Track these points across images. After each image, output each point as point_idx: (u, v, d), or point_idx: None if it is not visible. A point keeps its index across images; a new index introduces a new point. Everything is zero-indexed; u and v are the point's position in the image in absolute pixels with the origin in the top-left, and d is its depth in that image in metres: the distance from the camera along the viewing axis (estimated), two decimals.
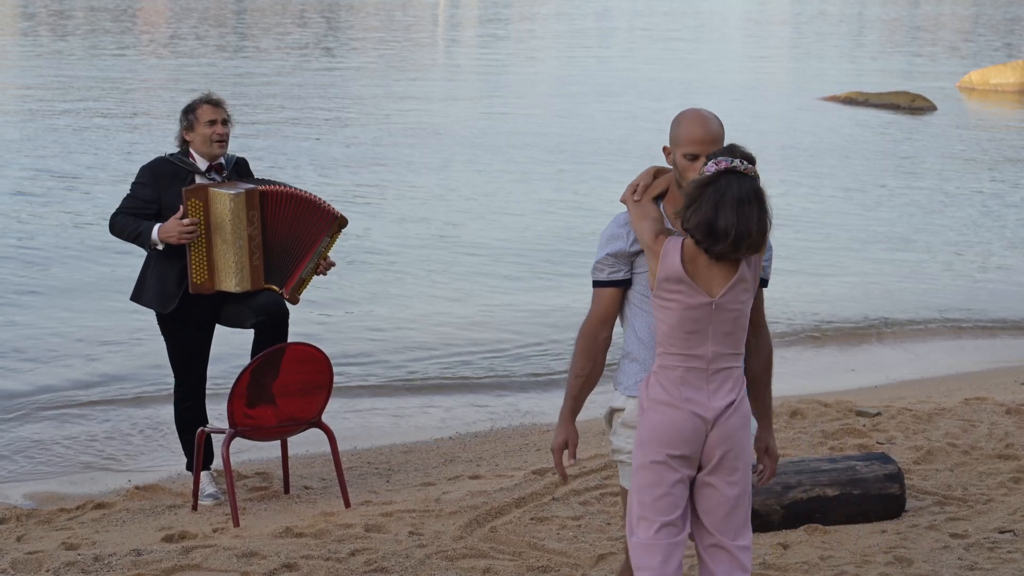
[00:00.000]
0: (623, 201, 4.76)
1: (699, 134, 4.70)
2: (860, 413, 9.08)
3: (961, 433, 8.57)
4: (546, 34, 46.97)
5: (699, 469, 4.64)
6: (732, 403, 4.61)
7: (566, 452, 4.82)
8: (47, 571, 6.33)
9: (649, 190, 4.75)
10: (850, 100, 28.74)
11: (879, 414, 9.04)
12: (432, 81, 31.44)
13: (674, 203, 4.70)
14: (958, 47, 44.61)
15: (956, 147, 22.81)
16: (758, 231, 4.53)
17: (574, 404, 4.82)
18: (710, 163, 4.55)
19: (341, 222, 7.53)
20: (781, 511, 6.94)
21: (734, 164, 4.53)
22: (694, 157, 4.67)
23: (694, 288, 4.56)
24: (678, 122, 4.76)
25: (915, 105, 27.76)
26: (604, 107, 27.07)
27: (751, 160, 4.56)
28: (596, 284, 4.79)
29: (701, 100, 28.10)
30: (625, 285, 4.76)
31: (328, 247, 7.54)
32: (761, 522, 6.87)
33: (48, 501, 7.76)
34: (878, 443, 8.35)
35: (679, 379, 4.59)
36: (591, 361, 4.78)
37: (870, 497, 7.03)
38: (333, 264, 7.69)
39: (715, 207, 4.48)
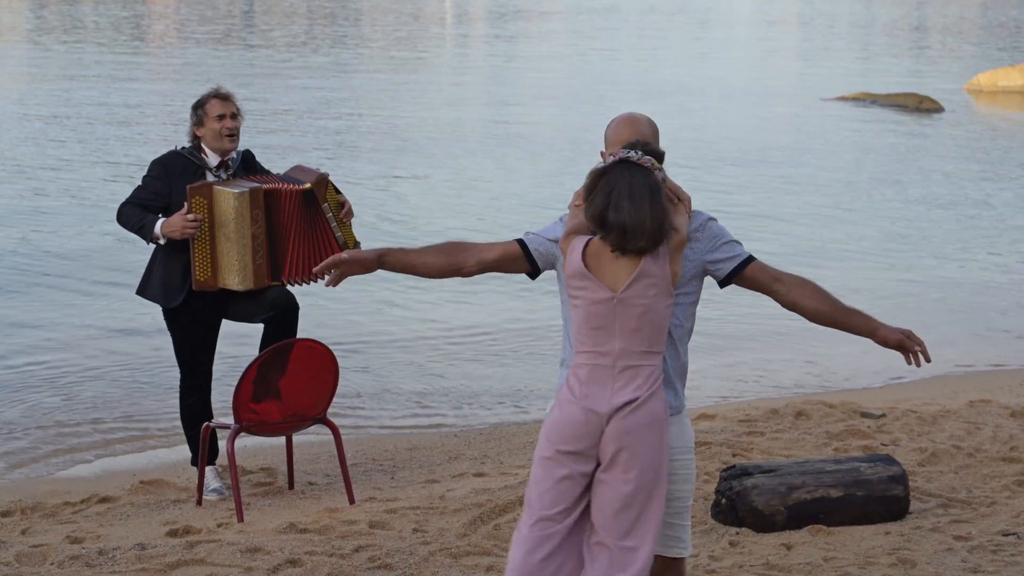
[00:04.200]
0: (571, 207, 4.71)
1: (627, 135, 4.68)
2: (865, 414, 9.07)
3: (966, 435, 8.56)
4: (554, 33, 46.97)
5: (598, 466, 4.57)
6: (633, 401, 4.52)
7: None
8: (51, 564, 6.34)
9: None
10: (858, 101, 28.68)
11: (884, 415, 9.04)
12: (434, 80, 31.44)
13: None
14: (965, 49, 44.56)
15: (964, 148, 22.78)
16: (652, 224, 4.48)
17: (398, 254, 4.77)
18: (610, 155, 4.57)
19: (317, 185, 7.39)
20: (785, 512, 6.94)
21: (629, 155, 4.53)
22: None
23: (596, 283, 4.55)
24: (610, 124, 4.78)
25: (923, 107, 27.69)
26: (607, 107, 27.05)
27: (657, 156, 4.55)
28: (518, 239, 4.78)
29: (704, 99, 28.06)
30: (532, 263, 4.78)
31: (332, 205, 7.48)
32: (765, 523, 6.89)
33: (53, 495, 7.76)
34: (882, 444, 8.36)
35: (586, 376, 4.56)
36: (439, 255, 4.78)
37: (874, 499, 7.03)
38: (350, 210, 7.59)
39: (607, 198, 4.49)
